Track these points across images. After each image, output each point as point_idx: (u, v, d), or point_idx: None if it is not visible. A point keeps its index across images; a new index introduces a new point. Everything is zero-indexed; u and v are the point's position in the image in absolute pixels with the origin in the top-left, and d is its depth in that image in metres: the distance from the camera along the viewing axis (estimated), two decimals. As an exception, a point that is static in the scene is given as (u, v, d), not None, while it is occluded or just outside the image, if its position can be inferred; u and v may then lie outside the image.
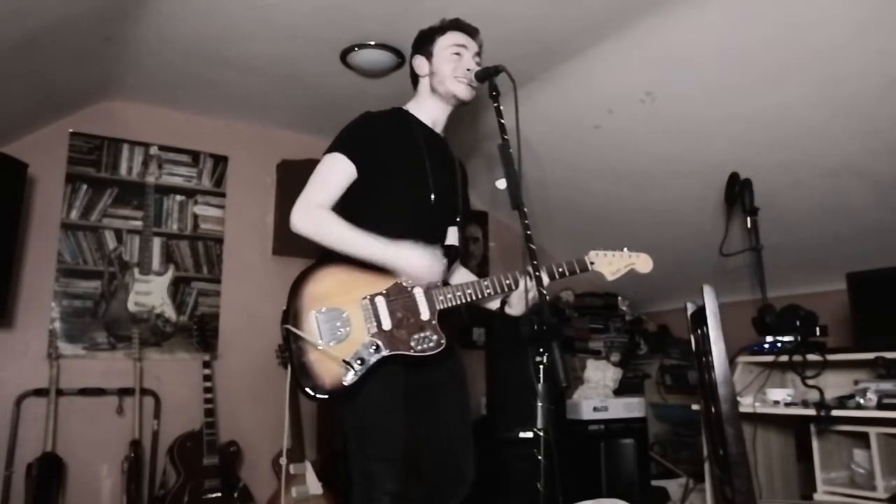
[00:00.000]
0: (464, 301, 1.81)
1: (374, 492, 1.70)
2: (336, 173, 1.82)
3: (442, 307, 1.80)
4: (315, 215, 1.77)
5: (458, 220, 1.98)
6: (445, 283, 1.90)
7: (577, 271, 1.90)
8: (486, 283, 1.83)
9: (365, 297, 1.75)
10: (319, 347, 1.68)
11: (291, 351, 1.70)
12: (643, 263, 1.94)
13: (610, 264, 1.92)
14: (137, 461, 3.16)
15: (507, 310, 1.95)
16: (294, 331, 1.69)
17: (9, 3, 2.16)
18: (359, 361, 1.69)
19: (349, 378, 1.68)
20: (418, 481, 1.88)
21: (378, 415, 1.73)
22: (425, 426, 1.88)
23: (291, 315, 1.71)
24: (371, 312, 1.74)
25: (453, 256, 1.95)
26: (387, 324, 1.74)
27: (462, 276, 2.06)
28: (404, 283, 1.78)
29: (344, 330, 1.71)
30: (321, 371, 1.68)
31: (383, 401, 1.73)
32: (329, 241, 1.76)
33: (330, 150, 1.85)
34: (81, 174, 3.39)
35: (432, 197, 1.88)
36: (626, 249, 1.94)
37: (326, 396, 1.67)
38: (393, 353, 1.72)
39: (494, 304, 1.98)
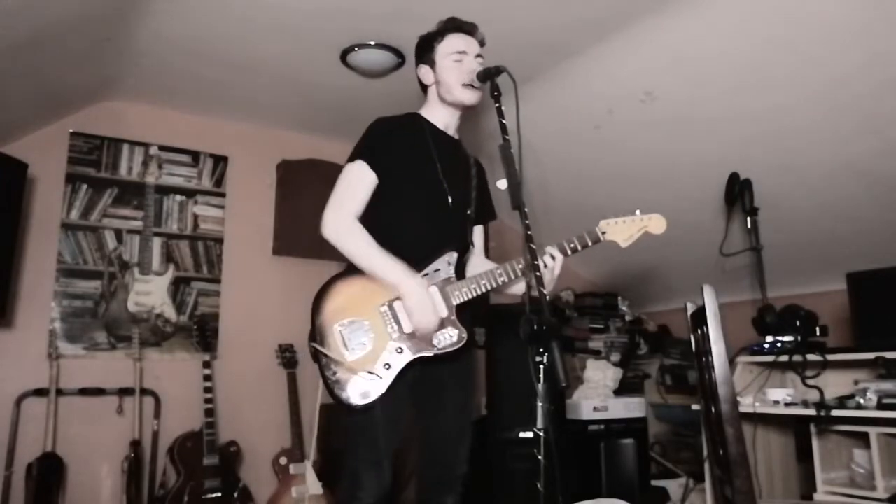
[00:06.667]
0: (479, 292, 1.81)
1: (357, 499, 1.73)
2: (361, 184, 1.85)
3: (458, 301, 1.80)
4: (344, 228, 1.79)
5: (478, 218, 2.01)
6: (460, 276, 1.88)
7: (590, 243, 1.84)
8: (499, 270, 1.82)
9: (383, 304, 1.76)
10: (345, 361, 1.71)
11: (321, 366, 1.72)
12: (656, 224, 1.87)
13: (622, 231, 1.85)
14: (137, 461, 3.15)
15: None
16: (320, 349, 1.71)
17: (9, 2, 2.16)
18: (386, 366, 1.72)
19: (378, 386, 1.70)
20: (412, 479, 1.88)
21: (379, 420, 1.74)
22: (423, 422, 1.89)
23: (317, 332, 1.74)
24: (391, 317, 1.75)
25: (463, 252, 1.94)
26: (407, 326, 1.75)
27: (481, 267, 1.98)
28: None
29: (368, 339, 1.73)
30: (352, 382, 1.71)
31: (388, 407, 1.73)
32: (351, 254, 1.78)
33: (352, 158, 1.87)
34: (81, 174, 3.39)
35: (450, 199, 1.89)
36: (638, 212, 1.87)
37: (363, 404, 1.70)
38: (417, 355, 1.74)
39: (518, 290, 1.89)
